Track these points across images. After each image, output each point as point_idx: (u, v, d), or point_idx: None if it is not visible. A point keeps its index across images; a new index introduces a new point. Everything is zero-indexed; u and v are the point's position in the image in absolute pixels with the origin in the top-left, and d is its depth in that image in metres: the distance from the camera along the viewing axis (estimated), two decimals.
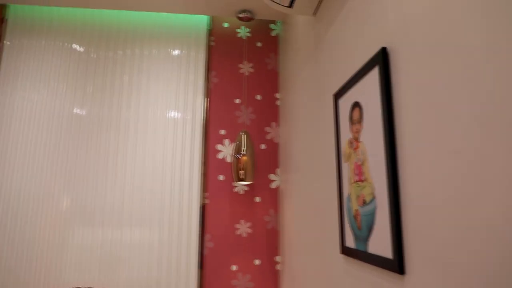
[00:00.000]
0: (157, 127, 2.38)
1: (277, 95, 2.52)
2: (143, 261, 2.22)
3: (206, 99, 2.47)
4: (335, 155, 1.31)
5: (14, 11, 2.45)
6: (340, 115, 1.25)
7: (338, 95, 1.28)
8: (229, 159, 2.41)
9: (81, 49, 2.44)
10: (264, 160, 2.42)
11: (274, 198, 2.39)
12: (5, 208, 2.18)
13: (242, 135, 2.20)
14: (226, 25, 2.61)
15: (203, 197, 2.35)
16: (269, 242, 2.33)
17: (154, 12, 2.48)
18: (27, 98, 2.32)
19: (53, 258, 2.17)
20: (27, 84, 2.34)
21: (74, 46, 2.44)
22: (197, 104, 2.44)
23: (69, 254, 2.19)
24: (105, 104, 2.37)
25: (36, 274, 2.14)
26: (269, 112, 2.49)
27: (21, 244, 2.16)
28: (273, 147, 2.45)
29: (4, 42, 2.40)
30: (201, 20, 2.58)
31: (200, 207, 2.32)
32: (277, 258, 2.32)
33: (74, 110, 2.35)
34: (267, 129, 2.46)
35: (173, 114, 2.40)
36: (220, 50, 2.56)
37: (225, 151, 2.42)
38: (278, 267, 2.31)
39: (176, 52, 2.51)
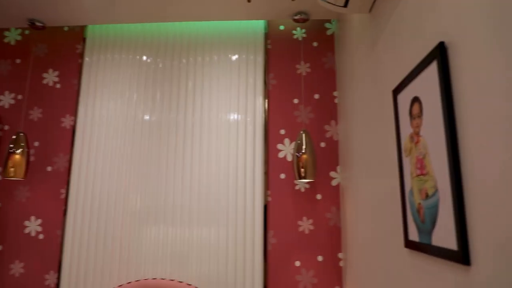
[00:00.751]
0: (220, 129, 2.51)
1: (335, 93, 2.54)
2: (211, 256, 2.36)
3: (265, 100, 2.56)
4: (396, 150, 1.32)
5: (92, 31, 2.73)
6: (400, 110, 1.26)
7: (397, 90, 1.29)
8: (289, 158, 2.47)
9: (149, 60, 2.65)
10: (324, 158, 2.46)
11: (335, 195, 2.41)
12: (91, 207, 2.45)
13: (302, 134, 2.25)
14: (282, 27, 2.68)
15: (266, 195, 2.45)
16: (332, 239, 2.36)
17: (215, 21, 2.63)
18: (105, 108, 2.58)
19: (131, 252, 2.39)
20: (104, 95, 2.60)
21: (143, 57, 2.66)
22: (257, 106, 2.54)
23: (144, 249, 2.40)
24: (172, 110, 2.56)
25: (117, 266, 2.38)
26: (328, 110, 2.52)
27: (106, 239, 2.40)
28: (333, 144, 2.47)
29: (85, 59, 2.68)
30: (258, 25, 2.68)
31: (263, 205, 2.41)
32: (340, 255, 2.34)
33: (145, 117, 2.56)
34: (326, 127, 2.49)
35: (234, 116, 2.53)
36: (277, 52, 2.63)
37: (285, 150, 2.49)
38: (341, 263, 2.33)
39: (235, 57, 2.63)
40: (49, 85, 2.67)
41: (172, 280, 2.31)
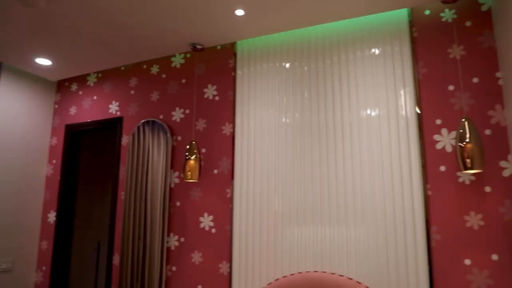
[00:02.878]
0: (371, 126, 2.50)
1: (499, 74, 2.29)
2: (371, 255, 2.37)
3: (416, 90, 2.46)
4: None
5: (241, 46, 3.03)
6: None
7: None
8: (448, 149, 2.32)
9: (294, 65, 2.81)
10: (491, 146, 2.23)
11: (508, 187, 2.16)
12: (253, 205, 2.71)
13: (464, 122, 2.09)
14: (427, 12, 2.53)
15: (425, 189, 2.34)
16: (508, 235, 2.12)
17: (355, 18, 2.64)
18: (258, 114, 2.83)
19: (290, 247, 2.56)
20: (257, 102, 2.85)
21: (288, 64, 2.83)
22: (408, 98, 2.45)
23: (303, 244, 2.54)
24: (320, 111, 2.66)
25: (279, 259, 2.57)
26: (491, 94, 2.28)
27: (268, 234, 2.63)
28: (500, 131, 2.22)
29: (237, 72, 2.99)
30: (401, 14, 2.59)
31: (423, 199, 2.31)
32: None
33: (295, 119, 2.71)
34: (490, 112, 2.26)
35: (384, 111, 2.49)
36: (425, 39, 2.50)
37: (443, 141, 2.34)
38: None
39: (378, 50, 2.59)
40: (209, 99, 3.06)
41: (333, 273, 2.39)
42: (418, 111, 2.43)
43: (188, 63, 3.23)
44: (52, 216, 3.69)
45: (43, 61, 3.43)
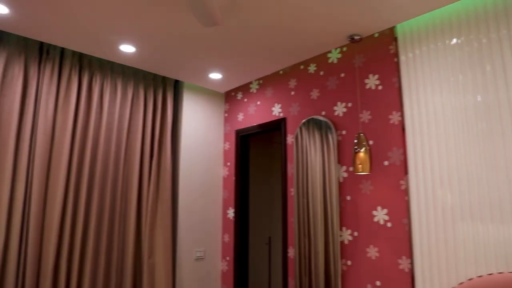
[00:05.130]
0: None
1: None
2: None
3: None
4: None
5: (401, 29, 2.85)
6: None
7: None
8: None
9: (469, 39, 2.49)
10: None
11: None
12: (433, 197, 2.50)
13: None
14: None
15: None
16: None
17: None
18: (430, 97, 2.60)
19: (474, 244, 2.26)
20: (428, 88, 2.63)
21: (460, 39, 2.52)
22: None
23: (490, 242, 2.21)
24: (510, 85, 2.28)
25: (462, 257, 2.30)
26: None
27: (454, 229, 2.39)
28: None
29: (400, 57, 2.82)
30: None
31: None
32: None
33: (475, 100, 2.40)
34: None
35: None
36: None
37: None
38: None
39: None
40: (372, 89, 2.97)
41: None
42: None
43: (345, 56, 3.21)
44: (231, 213, 4.13)
45: (215, 76, 3.89)
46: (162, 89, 3.99)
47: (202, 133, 4.22)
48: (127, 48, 3.25)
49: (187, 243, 3.92)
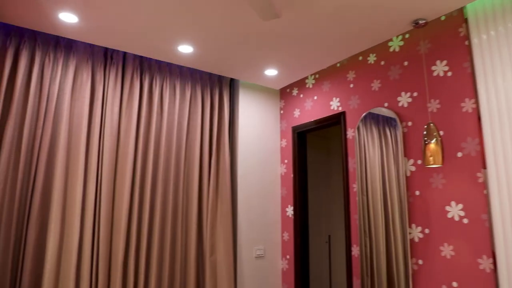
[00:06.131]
0: None
1: None
2: None
3: None
4: None
5: (472, 9, 2.62)
6: None
7: None
8: None
9: None
10: None
11: None
12: (510, 193, 2.27)
13: None
14: None
15: None
16: None
17: None
18: (511, 87, 2.37)
19: None
20: (508, 74, 2.39)
21: None
22: None
23: None
24: None
25: None
26: None
27: None
28: None
29: (472, 40, 2.60)
30: None
31: None
32: None
33: None
34: None
35: None
36: None
37: None
38: None
39: None
40: (440, 76, 2.77)
41: None
42: None
43: (408, 43, 3.03)
44: (290, 210, 4.08)
45: (271, 72, 3.86)
46: (219, 88, 4.03)
47: (259, 131, 4.21)
48: (185, 49, 3.32)
49: (247, 241, 3.93)
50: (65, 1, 2.57)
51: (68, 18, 2.79)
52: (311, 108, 3.94)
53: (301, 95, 4.11)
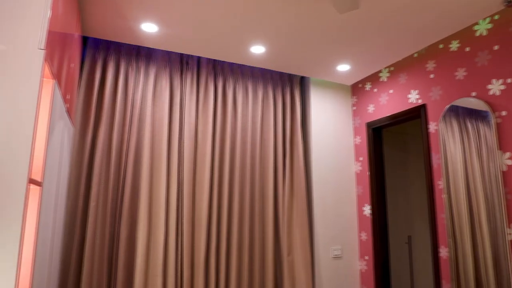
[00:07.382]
0: None
1: None
2: None
3: None
4: None
5: None
6: None
7: None
8: None
9: None
10: None
11: None
12: None
13: None
14: None
15: None
16: None
17: None
18: None
19: None
20: None
21: None
22: None
23: None
24: None
25: None
26: None
27: None
28: None
29: None
30: None
31: None
32: None
33: None
34: None
35: None
36: None
37: None
38: None
39: None
40: None
41: None
42: None
43: (498, 26, 2.77)
44: (367, 209, 3.93)
45: (343, 67, 3.76)
46: (290, 87, 4.02)
47: (331, 128, 4.12)
48: (257, 49, 3.36)
49: (324, 241, 3.86)
50: (147, 12, 2.73)
51: (149, 28, 2.96)
52: (386, 103, 3.77)
53: (375, 90, 3.95)
